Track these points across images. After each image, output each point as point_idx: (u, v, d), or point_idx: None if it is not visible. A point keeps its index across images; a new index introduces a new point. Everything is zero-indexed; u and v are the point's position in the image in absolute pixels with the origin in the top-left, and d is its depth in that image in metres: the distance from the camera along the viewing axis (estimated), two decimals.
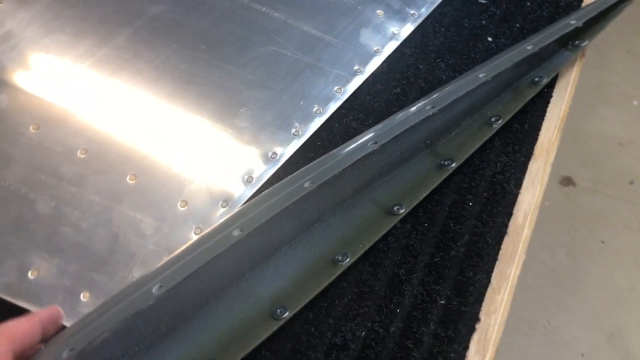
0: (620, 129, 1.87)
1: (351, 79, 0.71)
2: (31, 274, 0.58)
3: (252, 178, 0.64)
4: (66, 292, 0.57)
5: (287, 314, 0.54)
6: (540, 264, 1.59)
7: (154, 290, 0.49)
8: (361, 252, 0.57)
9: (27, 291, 0.57)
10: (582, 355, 1.50)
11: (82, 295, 0.57)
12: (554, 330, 1.52)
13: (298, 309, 0.55)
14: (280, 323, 0.54)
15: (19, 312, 0.57)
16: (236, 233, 0.53)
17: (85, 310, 0.57)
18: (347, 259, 0.57)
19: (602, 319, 1.54)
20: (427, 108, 0.60)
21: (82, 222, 0.61)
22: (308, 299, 0.55)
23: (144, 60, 0.69)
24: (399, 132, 0.58)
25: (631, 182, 1.77)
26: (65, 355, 0.45)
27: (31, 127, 0.65)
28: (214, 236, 0.53)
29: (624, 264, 1.62)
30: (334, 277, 0.56)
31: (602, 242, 1.67)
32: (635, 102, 1.93)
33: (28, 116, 0.66)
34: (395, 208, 0.59)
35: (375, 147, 0.58)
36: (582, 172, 1.77)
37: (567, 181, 1.74)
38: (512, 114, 0.65)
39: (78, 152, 0.64)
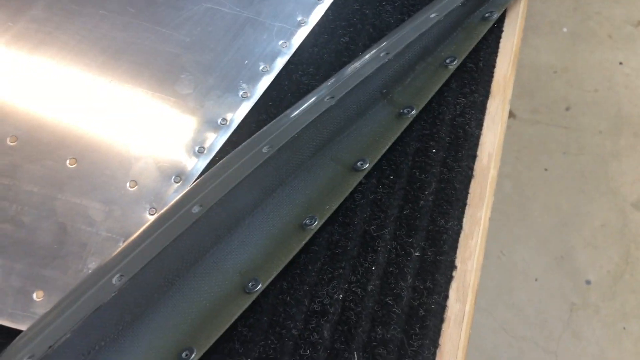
0: (553, 57, 1.90)
1: (296, 32, 0.67)
2: None
3: (204, 148, 0.60)
4: (17, 294, 0.53)
5: (259, 286, 0.52)
6: None
7: (114, 281, 0.45)
8: (329, 213, 0.55)
9: None
10: (536, 280, 1.55)
11: (34, 294, 0.53)
12: (508, 260, 1.57)
13: (270, 279, 0.52)
14: (254, 297, 0.52)
15: None
16: (196, 210, 0.49)
17: (41, 311, 0.52)
18: (316, 222, 0.54)
19: (551, 243, 1.59)
20: (381, 55, 0.57)
21: (23, 216, 0.56)
22: (280, 268, 0.53)
23: (69, 31, 0.63)
24: (356, 83, 0.55)
25: (567, 109, 1.81)
26: None
27: None
28: (172, 215, 0.49)
29: (567, 188, 1.67)
30: (304, 242, 0.54)
31: (545, 169, 1.71)
32: (565, 29, 1.96)
33: None
34: (358, 164, 0.57)
35: (332, 102, 0.54)
36: (519, 103, 1.80)
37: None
38: (467, 53, 0.63)
39: (7, 140, 0.58)
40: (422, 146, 0.60)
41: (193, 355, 0.49)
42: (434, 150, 0.59)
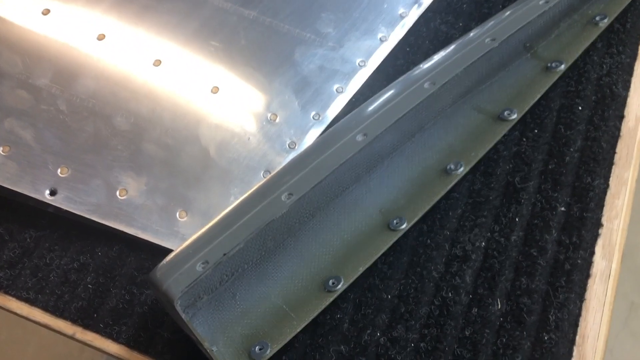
0: None
1: None
2: (120, 194, 0.53)
3: (343, 88, 0.60)
4: (161, 212, 0.53)
5: (405, 224, 0.51)
6: None
7: (283, 198, 0.45)
8: (475, 160, 0.54)
9: (119, 212, 0.53)
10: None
11: (178, 214, 0.53)
12: None
13: (416, 219, 0.52)
14: (400, 233, 0.51)
15: (113, 235, 0.53)
16: (360, 138, 0.49)
17: (184, 230, 0.53)
18: (462, 168, 0.54)
19: None
20: (540, 3, 0.56)
21: (167, 138, 0.56)
22: (425, 209, 0.52)
23: None
24: (519, 27, 0.54)
25: None
26: (199, 267, 0.42)
27: (96, 37, 0.59)
28: (335, 140, 0.49)
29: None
30: (450, 186, 0.53)
31: None
32: None
33: (91, 26, 0.59)
34: (505, 113, 0.56)
35: (494, 44, 0.53)
36: None
37: None
38: (618, 12, 0.61)
39: (151, 63, 0.58)
40: (567, 103, 0.58)
41: (340, 285, 0.48)
42: (579, 108, 0.58)
